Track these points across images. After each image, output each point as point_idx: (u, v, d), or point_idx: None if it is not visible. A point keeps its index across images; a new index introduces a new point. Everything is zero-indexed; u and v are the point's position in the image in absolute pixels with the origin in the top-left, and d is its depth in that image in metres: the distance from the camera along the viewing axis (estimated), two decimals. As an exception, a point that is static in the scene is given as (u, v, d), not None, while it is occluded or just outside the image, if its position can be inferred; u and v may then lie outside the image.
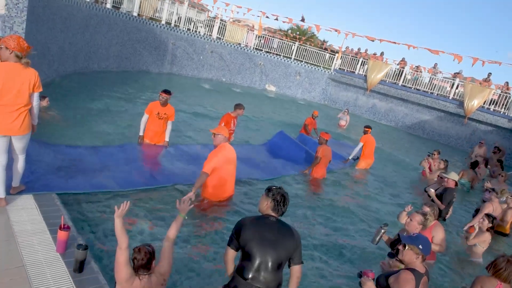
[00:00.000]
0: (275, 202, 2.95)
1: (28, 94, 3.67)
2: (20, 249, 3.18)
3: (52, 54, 10.51)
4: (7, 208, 3.73)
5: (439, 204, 6.35)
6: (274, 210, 2.96)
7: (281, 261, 2.86)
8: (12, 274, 2.90)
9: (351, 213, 6.40)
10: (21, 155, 3.89)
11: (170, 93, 6.64)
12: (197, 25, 21.22)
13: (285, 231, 2.90)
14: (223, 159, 5.22)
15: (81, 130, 7.34)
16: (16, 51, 3.57)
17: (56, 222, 3.52)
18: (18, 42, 3.57)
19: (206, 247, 4.37)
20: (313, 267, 4.44)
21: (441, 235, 4.60)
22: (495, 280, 3.50)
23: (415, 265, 2.95)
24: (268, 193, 3.00)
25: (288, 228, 2.94)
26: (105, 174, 5.29)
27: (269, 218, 2.93)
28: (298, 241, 2.94)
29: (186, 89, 15.55)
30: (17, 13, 7.47)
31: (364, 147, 9.31)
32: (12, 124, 3.61)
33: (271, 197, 2.96)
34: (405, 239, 3.05)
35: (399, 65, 20.53)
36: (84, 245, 3.05)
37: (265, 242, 2.82)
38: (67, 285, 2.90)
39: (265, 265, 2.80)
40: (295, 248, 2.90)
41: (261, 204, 3.03)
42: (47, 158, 5.28)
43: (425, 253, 2.94)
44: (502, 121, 16.72)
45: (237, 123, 7.79)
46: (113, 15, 14.85)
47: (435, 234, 4.58)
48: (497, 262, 3.55)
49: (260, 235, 2.83)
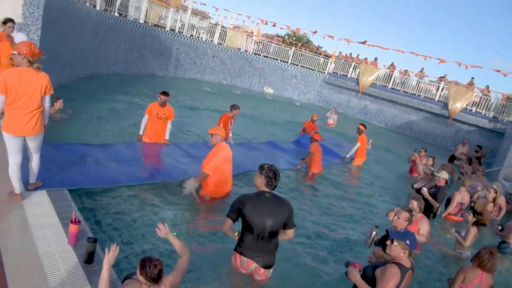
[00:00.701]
0: (268, 178, 3.21)
1: (41, 97, 3.67)
2: (35, 242, 3.23)
3: (64, 59, 10.53)
4: (23, 203, 3.77)
5: (434, 203, 6.36)
6: (267, 186, 3.23)
7: (277, 229, 3.23)
8: (27, 265, 2.95)
9: (343, 208, 6.47)
10: (35, 154, 3.92)
11: (168, 94, 6.66)
12: (199, 32, 21.22)
13: (280, 203, 3.23)
14: (223, 158, 5.26)
15: (91, 130, 7.39)
16: (28, 57, 3.58)
17: (67, 216, 3.56)
18: (30, 48, 3.57)
19: (211, 244, 4.42)
20: (303, 255, 4.50)
21: (426, 228, 4.75)
22: (478, 270, 3.58)
23: (401, 259, 2.92)
24: (261, 171, 3.24)
25: (281, 200, 3.27)
26: (114, 169, 5.34)
27: (265, 195, 3.22)
28: (291, 210, 3.27)
29: (189, 91, 15.57)
30: (33, 21, 7.50)
31: (360, 146, 9.37)
32: (26, 126, 3.63)
33: (264, 174, 3.22)
34: (394, 234, 3.00)
35: (389, 69, 20.57)
36: (93, 238, 3.10)
37: (264, 214, 3.15)
38: (78, 275, 2.94)
39: (263, 234, 3.17)
40: (288, 216, 3.25)
41: (256, 181, 3.28)
42: (60, 156, 5.32)
43: (412, 248, 2.93)
44: (483, 122, 16.79)
45: (233, 122, 7.92)
46: (120, 22, 14.85)
47: (421, 226, 4.71)
48: (480, 254, 3.63)
49: (259, 209, 3.15)
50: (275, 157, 8.24)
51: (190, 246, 3.48)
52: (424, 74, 20.06)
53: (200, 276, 3.64)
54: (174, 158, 6.48)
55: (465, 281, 3.59)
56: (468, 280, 3.58)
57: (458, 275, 3.67)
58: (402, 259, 2.92)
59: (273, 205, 3.19)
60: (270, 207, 3.17)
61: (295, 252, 4.52)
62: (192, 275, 3.57)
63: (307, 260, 4.44)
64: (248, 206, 3.15)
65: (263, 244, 3.21)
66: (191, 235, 4.42)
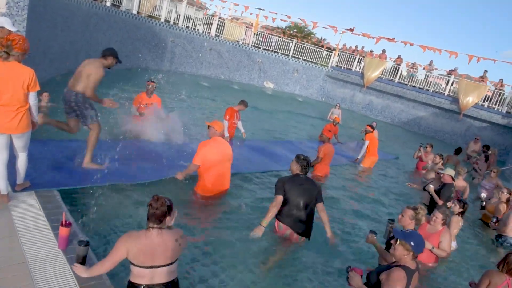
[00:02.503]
0: (302, 166, 4.46)
1: (23, 94, 3.58)
2: (22, 246, 3.18)
3: (53, 52, 10.46)
4: (10, 205, 3.72)
5: (437, 200, 6.37)
6: (301, 171, 4.47)
7: (309, 202, 4.36)
8: (14, 270, 2.90)
9: (351, 210, 6.41)
10: (22, 153, 3.86)
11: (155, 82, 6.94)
12: (195, 23, 21.15)
13: (310, 183, 4.48)
14: (216, 152, 5.20)
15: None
16: (20, 52, 3.54)
17: (57, 219, 3.52)
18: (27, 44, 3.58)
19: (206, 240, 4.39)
20: (305, 259, 4.46)
21: (448, 241, 4.62)
22: (504, 275, 3.58)
23: (406, 261, 2.86)
24: (298, 160, 4.49)
25: (312, 181, 4.54)
26: (107, 168, 5.29)
27: (300, 176, 4.46)
28: (319, 188, 4.51)
29: (186, 86, 15.49)
30: (18, 11, 7.41)
31: (369, 144, 9.34)
32: (10, 123, 3.56)
33: (300, 162, 4.46)
34: (398, 234, 2.95)
35: (395, 62, 20.50)
36: (85, 241, 3.05)
37: (298, 191, 4.32)
38: (69, 281, 2.90)
39: (298, 206, 4.32)
40: (317, 192, 4.45)
41: (292, 167, 4.54)
42: (48, 155, 5.27)
43: (416, 251, 2.86)
44: (496, 118, 16.73)
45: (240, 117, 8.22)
46: (112, 13, 14.76)
47: (443, 239, 4.59)
48: (509, 259, 3.62)
49: (295, 187, 4.34)
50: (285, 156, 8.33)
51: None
52: (433, 67, 20.01)
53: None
54: (168, 156, 6.44)
55: (491, 286, 3.58)
56: (493, 285, 3.56)
57: (483, 279, 3.66)
58: (406, 261, 2.86)
59: (305, 184, 4.39)
60: (303, 186, 4.36)
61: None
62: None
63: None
64: (287, 184, 4.33)
65: (298, 215, 4.32)
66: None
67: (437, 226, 4.68)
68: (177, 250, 2.71)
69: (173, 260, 2.71)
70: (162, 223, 2.65)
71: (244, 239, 4.36)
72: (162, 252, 2.62)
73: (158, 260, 2.63)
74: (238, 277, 3.84)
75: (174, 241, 2.67)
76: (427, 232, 4.69)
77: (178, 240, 2.70)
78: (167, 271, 2.68)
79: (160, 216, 2.61)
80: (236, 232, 4.59)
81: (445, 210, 4.79)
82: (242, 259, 4.11)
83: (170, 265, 2.70)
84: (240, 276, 3.86)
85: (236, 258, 4.12)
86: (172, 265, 2.71)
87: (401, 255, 2.88)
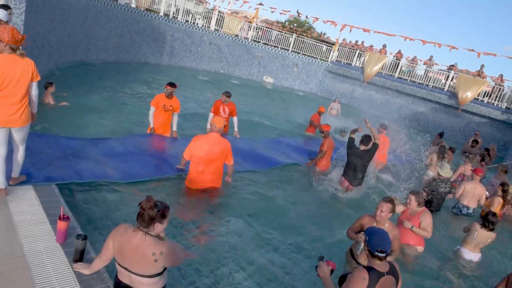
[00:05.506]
0: (363, 141, 6.50)
1: (27, 84, 3.61)
2: (20, 239, 3.18)
3: (51, 45, 10.41)
4: (8, 199, 3.72)
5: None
6: (363, 145, 6.46)
7: (366, 164, 6.49)
8: (12, 263, 2.90)
9: (347, 207, 6.41)
10: (21, 145, 3.86)
11: (175, 85, 6.76)
12: (195, 17, 21.03)
13: (366, 151, 6.43)
14: (202, 149, 5.09)
15: (80, 121, 7.29)
16: (10, 44, 3.49)
17: (55, 213, 3.52)
18: (12, 34, 3.48)
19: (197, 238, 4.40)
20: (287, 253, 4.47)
21: (428, 221, 4.69)
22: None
23: (373, 263, 2.61)
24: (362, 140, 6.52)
25: (368, 150, 6.43)
26: (106, 164, 5.27)
27: (359, 147, 6.47)
28: (372, 154, 6.44)
29: (185, 81, 15.45)
30: (16, 4, 7.34)
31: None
32: (12, 117, 3.57)
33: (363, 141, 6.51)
34: (367, 233, 2.74)
35: (395, 56, 20.44)
36: (83, 235, 3.04)
37: (358, 156, 6.41)
38: (67, 275, 2.90)
39: (356, 167, 6.44)
40: (371, 157, 6.47)
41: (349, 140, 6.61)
42: (48, 149, 5.25)
43: (370, 246, 2.60)
44: (496, 113, 16.72)
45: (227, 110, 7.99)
46: (111, 6, 14.67)
47: (423, 219, 4.67)
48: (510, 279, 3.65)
49: (355, 154, 6.43)
50: (286, 152, 8.23)
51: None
52: (433, 62, 19.96)
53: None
54: (168, 154, 6.39)
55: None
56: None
57: (507, 280, 3.69)
58: (373, 262, 2.62)
59: (361, 152, 6.41)
60: (360, 153, 6.41)
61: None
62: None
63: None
64: (349, 150, 6.48)
65: (354, 173, 6.46)
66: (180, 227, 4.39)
67: (415, 208, 4.76)
68: (149, 264, 2.41)
69: (144, 273, 2.44)
70: (149, 228, 2.45)
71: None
72: (131, 255, 2.43)
73: (127, 263, 2.45)
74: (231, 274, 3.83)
75: (149, 253, 2.40)
76: (409, 215, 4.79)
77: (155, 255, 2.40)
78: (144, 283, 2.46)
79: (146, 219, 2.42)
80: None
81: (418, 192, 4.87)
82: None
83: (147, 278, 2.45)
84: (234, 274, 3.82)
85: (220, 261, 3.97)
86: (148, 278, 2.45)
87: (365, 255, 2.73)
